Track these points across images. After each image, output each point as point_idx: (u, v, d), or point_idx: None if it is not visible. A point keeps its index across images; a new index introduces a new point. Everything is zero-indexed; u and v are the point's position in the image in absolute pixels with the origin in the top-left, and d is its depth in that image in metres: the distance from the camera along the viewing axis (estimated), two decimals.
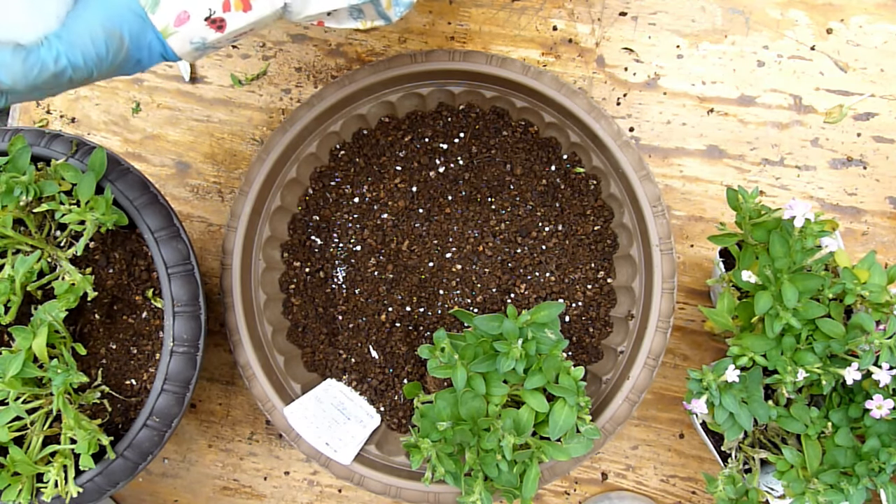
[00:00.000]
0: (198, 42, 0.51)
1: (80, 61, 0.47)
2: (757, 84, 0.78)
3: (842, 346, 0.56)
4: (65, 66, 0.47)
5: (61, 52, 0.46)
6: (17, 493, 0.60)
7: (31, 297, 0.65)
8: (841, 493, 0.57)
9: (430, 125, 0.75)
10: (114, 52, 0.48)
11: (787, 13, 0.79)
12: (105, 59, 0.48)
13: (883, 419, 0.57)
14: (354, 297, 0.74)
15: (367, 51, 0.82)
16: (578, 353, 0.72)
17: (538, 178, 0.74)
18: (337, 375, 0.73)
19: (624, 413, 0.66)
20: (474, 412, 0.60)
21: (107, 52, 0.48)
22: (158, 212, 0.64)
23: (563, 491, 0.78)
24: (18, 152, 0.61)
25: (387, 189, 0.75)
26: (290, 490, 0.80)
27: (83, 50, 0.47)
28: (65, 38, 0.47)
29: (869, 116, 0.77)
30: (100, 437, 0.60)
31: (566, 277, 0.73)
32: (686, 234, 0.78)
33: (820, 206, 0.77)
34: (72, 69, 0.47)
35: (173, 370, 0.62)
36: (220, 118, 0.82)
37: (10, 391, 0.57)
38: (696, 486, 0.77)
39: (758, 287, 0.58)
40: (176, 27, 0.49)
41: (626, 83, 0.79)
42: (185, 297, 0.63)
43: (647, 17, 0.80)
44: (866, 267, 0.58)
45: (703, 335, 0.77)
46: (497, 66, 0.70)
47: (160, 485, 0.81)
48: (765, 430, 0.67)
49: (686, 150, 0.78)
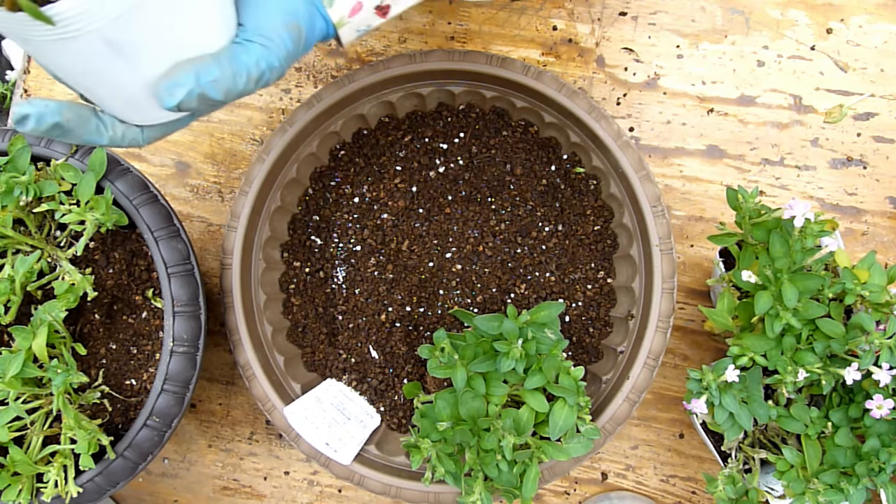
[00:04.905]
0: (363, 29, 0.51)
1: (275, 61, 0.45)
2: (757, 84, 0.78)
3: (842, 346, 0.56)
4: (263, 69, 0.44)
5: (260, 56, 0.44)
6: (17, 493, 0.60)
7: (31, 297, 0.66)
8: (841, 493, 0.57)
9: (430, 125, 0.75)
10: (296, 46, 0.46)
11: (787, 13, 0.79)
12: (292, 54, 0.46)
13: (883, 419, 0.57)
14: (354, 297, 0.74)
15: (367, 51, 0.82)
16: (578, 353, 0.72)
17: (538, 178, 0.74)
18: (337, 375, 0.73)
19: (624, 413, 0.66)
20: (474, 412, 0.60)
21: (294, 46, 0.46)
22: (158, 212, 0.64)
23: (563, 491, 0.78)
24: (18, 152, 0.61)
25: (387, 189, 0.75)
26: (290, 490, 0.80)
27: (276, 49, 0.44)
28: (256, 40, 0.44)
29: (869, 116, 0.77)
30: (100, 437, 0.60)
31: (566, 277, 0.73)
32: (686, 234, 0.78)
33: (820, 206, 0.77)
34: (269, 70, 0.44)
35: (173, 370, 0.62)
36: (220, 118, 0.82)
37: (10, 391, 0.57)
38: (696, 486, 0.77)
39: (758, 287, 0.58)
40: (350, 18, 0.49)
41: (626, 83, 0.79)
42: (185, 297, 0.63)
43: (647, 17, 0.80)
44: (866, 267, 0.58)
45: (703, 335, 0.77)
46: (497, 66, 0.70)
47: (160, 485, 0.81)
48: (765, 430, 0.67)
49: (686, 150, 0.78)
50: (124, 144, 0.46)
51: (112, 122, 0.45)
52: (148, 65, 0.41)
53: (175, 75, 0.41)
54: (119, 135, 0.46)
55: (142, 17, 0.38)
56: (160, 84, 0.42)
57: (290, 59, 0.46)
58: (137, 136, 0.47)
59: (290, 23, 0.45)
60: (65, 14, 0.36)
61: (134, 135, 0.47)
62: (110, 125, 0.45)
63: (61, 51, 0.39)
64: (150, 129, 0.48)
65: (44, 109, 0.41)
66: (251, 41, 0.44)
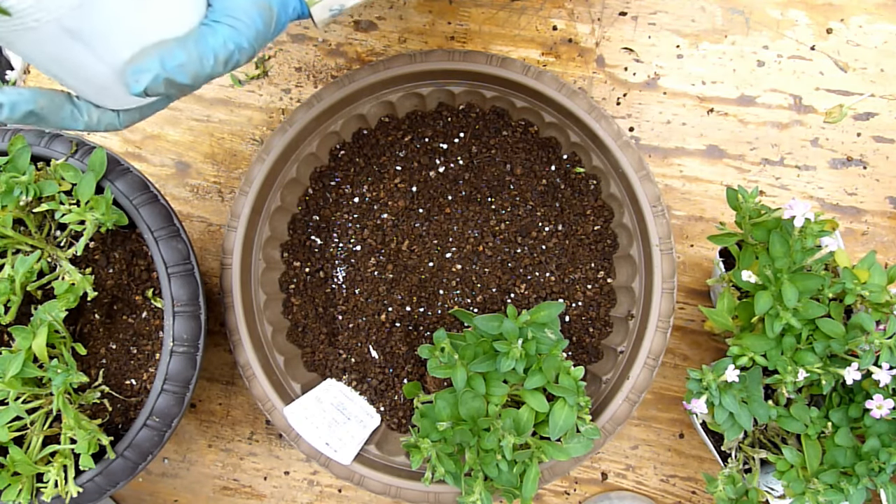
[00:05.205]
0: (336, 9, 0.51)
1: (244, 42, 0.44)
2: (757, 84, 0.78)
3: (842, 346, 0.56)
4: (232, 49, 0.43)
5: (227, 37, 0.43)
6: (17, 493, 0.60)
7: (31, 297, 0.65)
8: (841, 493, 0.57)
9: (430, 125, 0.75)
10: (267, 26, 0.45)
11: (787, 13, 0.79)
12: (262, 34, 0.45)
13: (883, 419, 0.57)
14: (354, 297, 0.74)
15: (367, 51, 0.82)
16: (578, 353, 0.72)
17: (538, 178, 0.74)
18: (337, 375, 0.73)
19: (624, 413, 0.66)
20: (474, 412, 0.60)
21: (264, 26, 0.45)
22: (158, 212, 0.64)
23: (563, 491, 0.78)
24: (18, 152, 0.61)
25: (387, 189, 0.75)
26: (290, 490, 0.80)
27: (245, 29, 0.44)
28: (224, 21, 0.43)
29: (869, 116, 0.77)
30: (100, 437, 0.60)
31: (566, 277, 0.73)
32: (686, 234, 0.78)
33: (820, 206, 0.77)
34: (238, 51, 0.44)
35: (173, 370, 0.62)
36: (220, 118, 0.82)
37: (10, 391, 0.57)
38: (696, 486, 0.77)
39: (758, 287, 0.58)
40: None
41: (626, 83, 0.79)
42: (185, 297, 0.63)
43: (647, 17, 0.80)
44: (866, 267, 0.58)
45: (703, 335, 0.77)
46: (497, 66, 0.70)
47: (160, 485, 0.81)
48: (765, 430, 0.67)
49: (686, 150, 0.78)
50: (101, 129, 0.47)
51: (87, 107, 0.45)
52: (112, 51, 0.41)
53: (140, 61, 0.41)
54: (95, 120, 0.46)
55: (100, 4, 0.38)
56: (126, 70, 0.41)
57: (262, 39, 0.46)
58: (114, 120, 0.47)
59: (261, 2, 0.45)
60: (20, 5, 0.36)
61: (110, 119, 0.47)
62: (85, 111, 0.45)
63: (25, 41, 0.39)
64: (125, 113, 0.48)
65: (17, 98, 0.41)
66: (219, 22, 0.44)
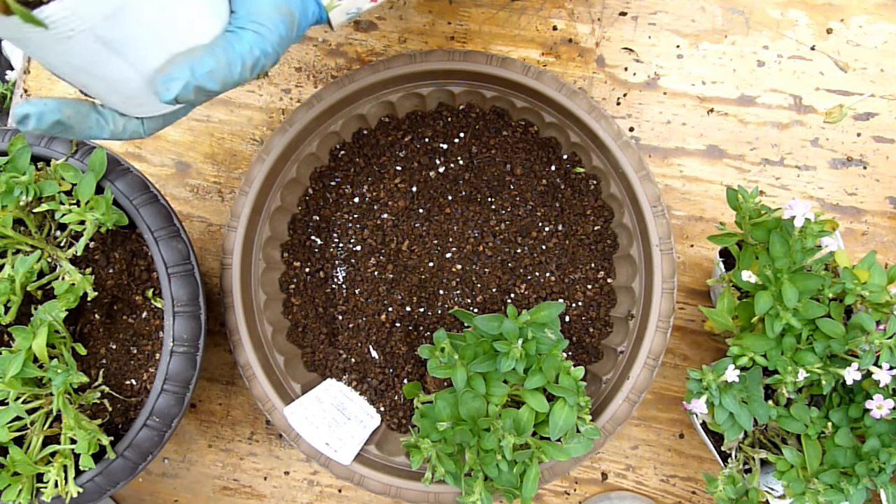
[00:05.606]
0: (353, 12, 0.51)
1: (269, 47, 0.44)
2: (757, 84, 0.78)
3: (842, 346, 0.56)
4: (258, 55, 0.44)
5: (253, 43, 0.44)
6: (17, 493, 0.60)
7: (31, 297, 0.65)
8: (841, 493, 0.57)
9: (430, 125, 0.75)
10: (289, 30, 0.46)
11: (787, 13, 0.79)
12: (285, 39, 0.46)
13: (883, 419, 0.57)
14: (354, 297, 0.74)
15: (367, 51, 0.82)
16: (578, 353, 0.72)
17: (538, 178, 0.74)
18: (337, 375, 0.73)
19: (624, 413, 0.66)
20: (474, 412, 0.60)
21: (287, 31, 0.45)
22: (158, 212, 0.64)
23: (563, 491, 0.78)
24: (18, 152, 0.61)
25: (387, 189, 0.75)
26: (290, 490, 0.80)
27: (269, 35, 0.44)
28: (248, 27, 0.44)
29: (869, 116, 0.77)
30: (100, 437, 0.60)
31: (566, 277, 0.73)
32: (686, 234, 0.78)
33: (820, 206, 0.77)
34: (263, 56, 0.44)
35: (173, 370, 0.62)
36: (220, 118, 0.82)
37: (10, 391, 0.57)
38: (696, 486, 0.77)
39: (758, 287, 0.58)
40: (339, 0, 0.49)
41: (626, 83, 0.79)
42: (185, 297, 0.63)
43: (647, 17, 0.80)
44: (866, 267, 0.58)
45: (703, 335, 0.77)
46: (497, 66, 0.70)
47: (160, 485, 0.81)
48: (765, 430, 0.67)
49: (686, 150, 0.78)
50: (125, 137, 0.47)
51: (112, 115, 0.45)
52: (143, 59, 0.41)
53: (170, 69, 0.41)
54: (120, 128, 0.46)
55: (133, 13, 0.38)
56: (156, 78, 0.42)
57: (284, 44, 0.46)
58: (138, 128, 0.47)
59: (283, 7, 0.45)
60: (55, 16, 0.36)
61: (135, 127, 0.47)
62: (111, 119, 0.45)
63: (57, 51, 0.39)
64: (150, 120, 0.48)
65: (43, 108, 0.41)
66: (244, 28, 0.44)
